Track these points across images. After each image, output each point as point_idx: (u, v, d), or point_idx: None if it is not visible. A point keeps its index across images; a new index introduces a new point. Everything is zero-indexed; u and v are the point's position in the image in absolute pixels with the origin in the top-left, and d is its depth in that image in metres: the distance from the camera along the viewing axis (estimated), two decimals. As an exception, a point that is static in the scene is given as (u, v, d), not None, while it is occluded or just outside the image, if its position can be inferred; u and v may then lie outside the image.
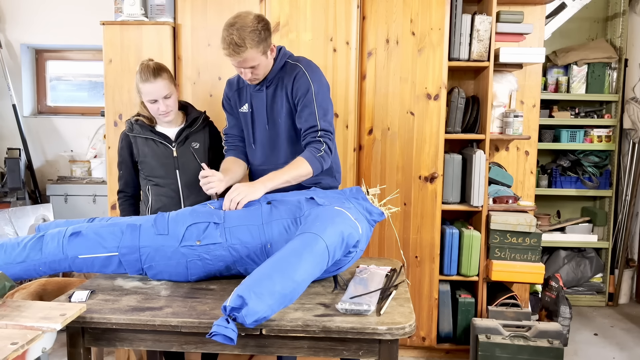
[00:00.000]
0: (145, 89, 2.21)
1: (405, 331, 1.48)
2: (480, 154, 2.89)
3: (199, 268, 1.80)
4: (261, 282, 1.48)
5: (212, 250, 1.78)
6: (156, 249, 1.78)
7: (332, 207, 1.78)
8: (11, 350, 1.22)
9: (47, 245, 1.78)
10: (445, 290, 3.05)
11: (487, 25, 2.88)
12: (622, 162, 4.08)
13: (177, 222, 1.82)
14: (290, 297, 1.52)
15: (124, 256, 1.78)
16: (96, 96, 4.34)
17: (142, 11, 2.88)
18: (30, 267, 1.77)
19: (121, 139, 2.35)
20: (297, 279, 1.52)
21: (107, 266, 1.80)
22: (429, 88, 2.88)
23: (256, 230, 1.80)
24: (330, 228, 1.66)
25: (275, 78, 2.16)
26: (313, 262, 1.58)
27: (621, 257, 4.05)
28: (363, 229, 1.81)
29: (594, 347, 3.29)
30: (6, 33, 4.14)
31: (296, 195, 1.94)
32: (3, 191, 3.96)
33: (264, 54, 2.05)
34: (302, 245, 1.60)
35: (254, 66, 2.05)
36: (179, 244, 1.77)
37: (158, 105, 2.22)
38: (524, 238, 2.89)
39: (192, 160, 2.31)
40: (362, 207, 1.91)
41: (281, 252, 1.59)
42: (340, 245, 1.67)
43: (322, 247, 1.61)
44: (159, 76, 2.20)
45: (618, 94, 3.96)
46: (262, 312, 1.44)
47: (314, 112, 2.09)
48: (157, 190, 2.31)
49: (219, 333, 1.39)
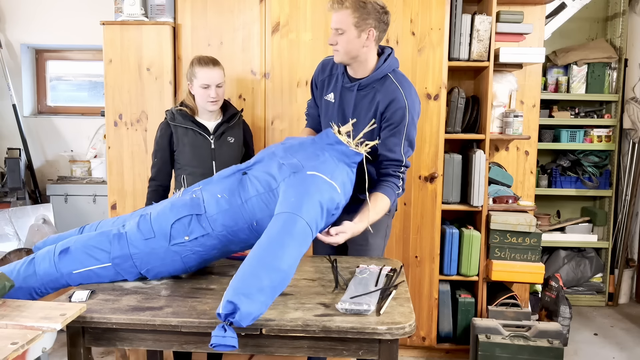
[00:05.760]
0: (202, 74, 2.35)
1: (405, 331, 1.48)
2: (480, 154, 2.89)
3: (195, 260, 1.79)
4: (248, 282, 1.46)
5: (202, 242, 1.76)
6: (148, 253, 1.76)
7: (305, 173, 1.70)
8: (11, 350, 1.22)
9: (39, 267, 1.76)
10: (445, 290, 3.05)
11: (487, 25, 2.88)
12: (622, 162, 4.08)
13: (160, 222, 1.77)
14: (281, 286, 1.51)
15: (117, 266, 1.76)
16: (96, 96, 4.34)
17: (142, 11, 2.88)
18: (31, 291, 1.75)
19: (161, 127, 2.44)
20: (283, 268, 1.51)
21: (105, 276, 1.78)
22: (429, 88, 2.88)
23: (238, 213, 1.74)
24: (306, 202, 1.62)
25: (370, 87, 2.07)
26: (296, 244, 1.56)
27: (621, 257, 4.05)
28: (342, 184, 1.75)
29: (594, 347, 3.29)
30: (6, 33, 4.13)
31: (269, 160, 1.82)
32: (3, 191, 3.95)
33: (356, 28, 1.97)
34: (281, 231, 1.57)
35: (340, 32, 1.98)
36: (168, 243, 1.75)
37: (209, 92, 2.35)
38: (524, 238, 2.89)
39: (227, 152, 2.44)
40: (339, 151, 1.80)
41: (261, 242, 1.56)
42: (320, 215, 1.64)
43: (302, 226, 1.58)
44: (217, 65, 2.38)
45: (618, 94, 3.96)
46: (256, 311, 1.44)
47: (400, 145, 2.03)
48: (192, 180, 2.36)
49: (220, 344, 1.39)
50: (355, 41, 1.99)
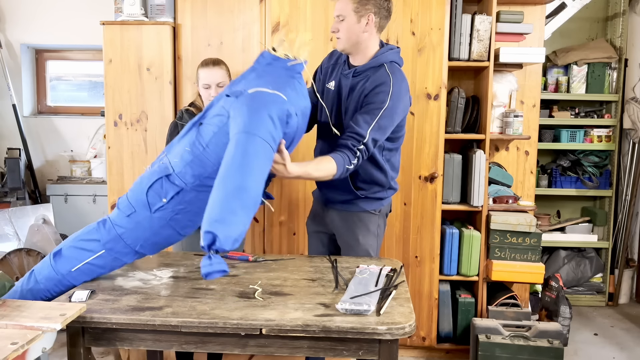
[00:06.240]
0: (202, 74, 2.43)
1: (405, 331, 1.48)
2: (480, 154, 2.89)
3: (183, 220, 1.78)
4: (218, 209, 1.51)
5: (181, 199, 1.75)
6: (135, 228, 1.76)
7: (247, 93, 1.70)
8: (11, 350, 1.22)
9: (40, 275, 1.78)
10: (445, 290, 3.05)
11: (487, 25, 2.88)
12: (622, 162, 4.07)
13: (135, 195, 1.78)
14: (253, 203, 1.55)
15: (111, 250, 1.77)
16: (96, 96, 4.34)
17: (142, 11, 2.88)
18: (41, 296, 1.76)
19: (170, 127, 2.52)
20: (249, 186, 1.54)
21: (104, 265, 1.79)
22: (429, 88, 2.88)
23: (203, 159, 1.73)
24: (254, 118, 1.62)
25: (364, 74, 2.09)
26: (258, 161, 1.58)
27: (621, 257, 4.05)
28: (287, 92, 1.73)
29: (594, 347, 3.29)
30: (6, 33, 4.14)
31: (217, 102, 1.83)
32: (3, 191, 3.96)
33: (356, 13, 2.02)
34: (236, 152, 1.58)
35: (341, 19, 2.04)
36: (150, 212, 1.75)
37: (210, 92, 2.41)
38: (524, 238, 2.89)
39: None
40: (279, 67, 1.80)
41: (222, 169, 1.58)
42: (274, 126, 1.64)
43: (257, 142, 1.59)
44: (217, 65, 2.44)
45: (618, 94, 3.96)
46: (234, 233, 1.49)
47: (370, 124, 1.98)
48: None
49: (210, 272, 1.45)
50: (355, 27, 2.05)
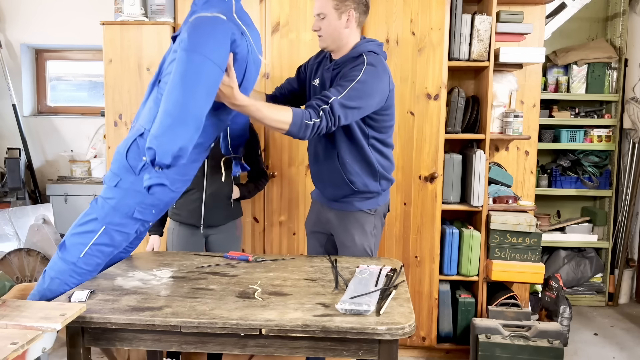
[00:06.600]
0: None
1: (405, 331, 1.48)
2: (480, 154, 2.89)
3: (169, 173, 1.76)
4: (158, 125, 1.59)
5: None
6: (125, 195, 1.77)
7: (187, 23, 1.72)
8: (11, 350, 1.22)
9: (53, 270, 1.78)
10: (445, 290, 3.05)
11: (487, 25, 2.88)
12: (622, 162, 4.08)
13: (118, 164, 1.79)
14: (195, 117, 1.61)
15: (110, 224, 1.78)
16: (96, 96, 4.34)
17: (142, 11, 2.88)
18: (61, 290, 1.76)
19: None
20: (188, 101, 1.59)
21: (111, 243, 1.80)
22: (429, 88, 2.88)
23: None
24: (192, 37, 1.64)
25: (343, 64, 2.10)
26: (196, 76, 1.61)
27: (621, 257, 4.05)
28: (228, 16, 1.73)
29: (594, 347, 3.29)
30: (6, 33, 4.14)
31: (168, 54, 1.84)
32: (3, 191, 3.96)
33: (336, 10, 2.04)
34: (177, 71, 1.62)
35: (322, 17, 2.06)
36: (134, 174, 1.76)
37: None
38: (524, 238, 2.89)
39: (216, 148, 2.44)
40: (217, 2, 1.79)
41: (166, 87, 1.63)
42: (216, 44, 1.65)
43: (195, 59, 1.61)
44: None
45: (618, 94, 3.96)
46: (173, 147, 1.58)
47: (339, 92, 1.93)
48: None
49: (150, 185, 1.59)
50: (336, 23, 2.07)
